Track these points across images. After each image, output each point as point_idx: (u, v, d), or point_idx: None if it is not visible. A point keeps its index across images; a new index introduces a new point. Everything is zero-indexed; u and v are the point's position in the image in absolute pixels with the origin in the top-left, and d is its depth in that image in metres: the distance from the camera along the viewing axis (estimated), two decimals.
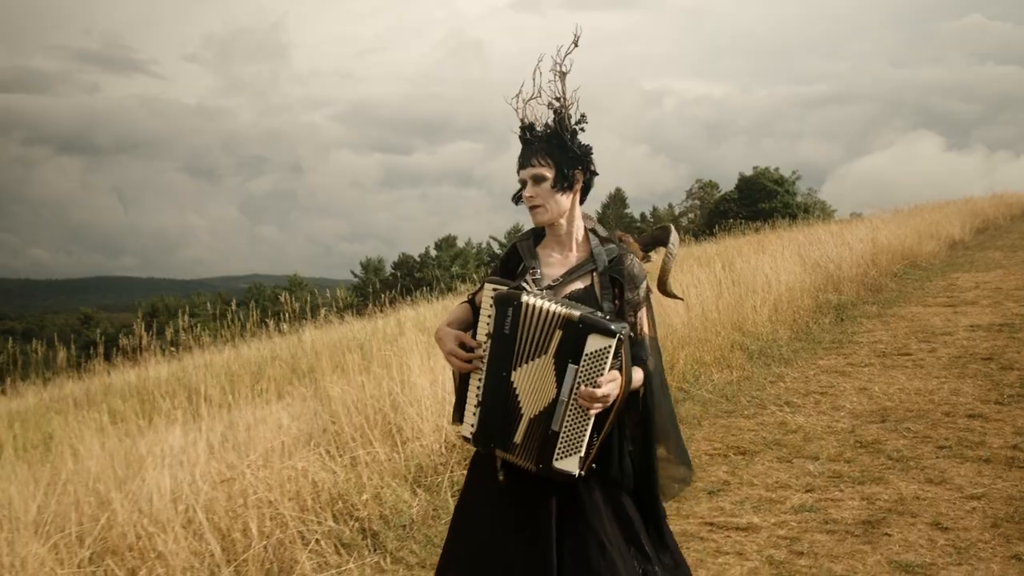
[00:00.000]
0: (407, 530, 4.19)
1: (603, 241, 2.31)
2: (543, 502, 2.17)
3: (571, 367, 2.07)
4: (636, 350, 2.21)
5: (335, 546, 3.96)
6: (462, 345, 2.22)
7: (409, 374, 5.45)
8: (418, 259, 50.92)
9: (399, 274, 43.47)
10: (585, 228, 2.32)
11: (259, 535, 3.82)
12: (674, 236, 2.41)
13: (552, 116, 2.25)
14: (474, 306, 2.30)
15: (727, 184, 50.29)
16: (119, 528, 3.74)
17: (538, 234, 2.36)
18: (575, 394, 2.07)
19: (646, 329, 2.27)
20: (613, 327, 2.07)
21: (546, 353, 2.09)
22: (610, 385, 2.07)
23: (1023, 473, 4.39)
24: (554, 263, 2.29)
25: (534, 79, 2.25)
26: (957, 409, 5.59)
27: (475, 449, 2.31)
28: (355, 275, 51.63)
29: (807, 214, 36.97)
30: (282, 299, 9.07)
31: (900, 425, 5.35)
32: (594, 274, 2.25)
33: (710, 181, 55.31)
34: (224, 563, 3.67)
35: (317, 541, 3.90)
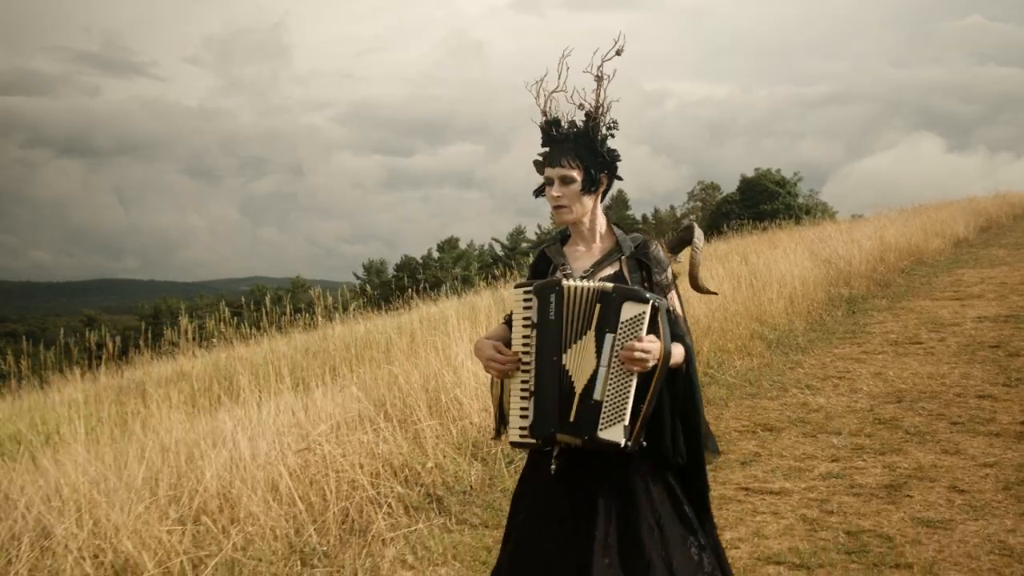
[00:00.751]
0: (468, 495, 4.56)
1: (627, 231, 2.38)
2: (594, 494, 2.20)
3: (608, 336, 2.12)
4: (673, 328, 2.25)
5: (404, 508, 4.34)
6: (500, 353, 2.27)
7: (454, 359, 5.82)
8: (420, 261, 51.18)
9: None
10: (608, 220, 2.39)
11: (336, 498, 4.20)
12: (698, 233, 2.51)
13: (583, 117, 2.29)
14: (511, 326, 2.30)
15: (729, 185, 50.30)
16: (210, 491, 4.11)
17: (564, 236, 2.44)
18: (614, 360, 2.12)
19: (679, 310, 2.34)
20: (647, 295, 2.15)
21: (590, 329, 2.16)
22: (650, 344, 2.10)
23: None
24: (581, 256, 2.36)
25: (559, 72, 2.28)
26: (968, 391, 5.98)
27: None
28: (357, 277, 51.85)
29: (808, 216, 37.22)
30: (314, 295, 9.49)
31: (915, 405, 5.73)
32: (622, 260, 2.31)
33: (712, 183, 55.31)
34: (308, 522, 4.05)
35: (389, 504, 4.28)
